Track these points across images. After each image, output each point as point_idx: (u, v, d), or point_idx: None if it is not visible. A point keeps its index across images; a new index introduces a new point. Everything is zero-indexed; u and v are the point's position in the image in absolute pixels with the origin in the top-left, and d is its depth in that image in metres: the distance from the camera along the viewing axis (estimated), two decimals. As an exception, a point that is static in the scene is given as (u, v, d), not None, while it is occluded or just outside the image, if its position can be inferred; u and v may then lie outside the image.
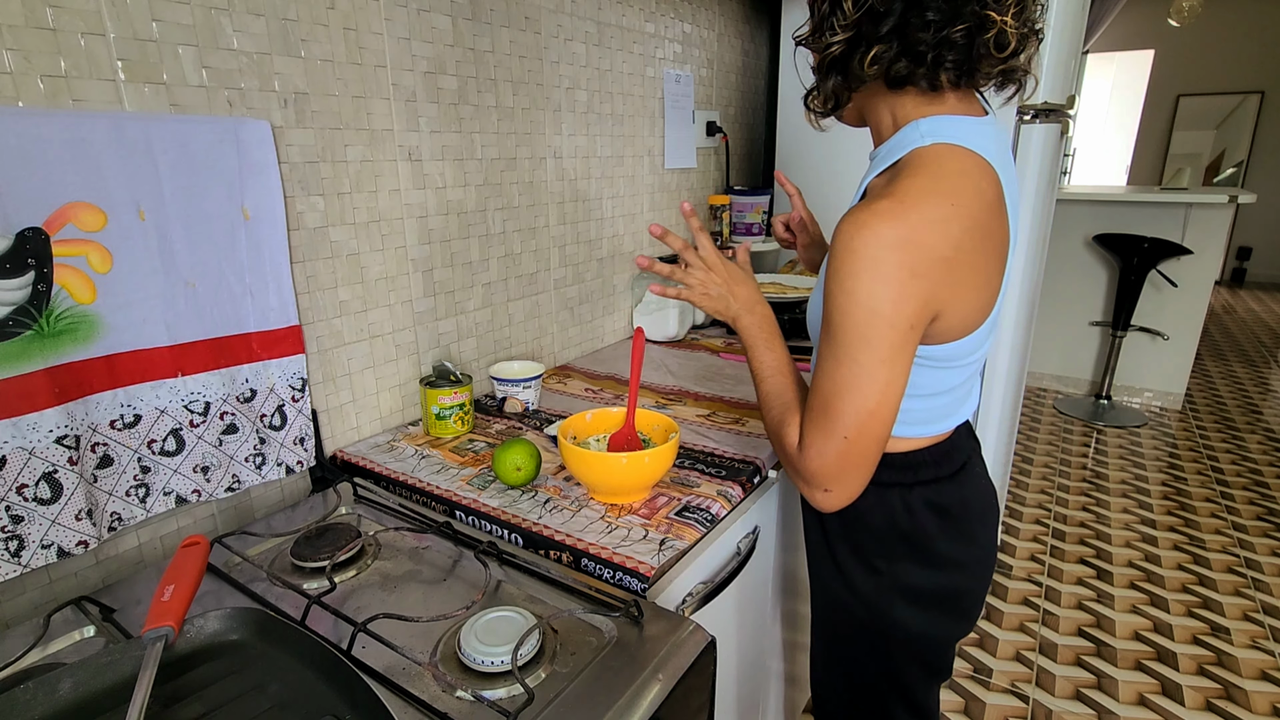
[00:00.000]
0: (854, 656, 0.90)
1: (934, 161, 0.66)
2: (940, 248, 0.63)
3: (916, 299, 0.64)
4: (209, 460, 0.88)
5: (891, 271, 0.62)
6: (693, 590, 0.86)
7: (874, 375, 0.65)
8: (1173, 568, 2.22)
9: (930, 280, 0.64)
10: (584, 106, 1.45)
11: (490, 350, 1.34)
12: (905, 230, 0.62)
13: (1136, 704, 1.67)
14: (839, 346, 0.67)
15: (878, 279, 0.63)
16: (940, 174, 0.65)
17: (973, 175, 0.66)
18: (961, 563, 0.82)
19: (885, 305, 0.63)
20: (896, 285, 0.63)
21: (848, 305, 0.65)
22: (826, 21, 0.68)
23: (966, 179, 0.66)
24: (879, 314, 0.64)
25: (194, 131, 0.81)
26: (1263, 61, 6.28)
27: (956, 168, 0.66)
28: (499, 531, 0.87)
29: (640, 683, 0.60)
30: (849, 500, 0.73)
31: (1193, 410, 3.53)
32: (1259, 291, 6.64)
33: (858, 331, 0.65)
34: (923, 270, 0.63)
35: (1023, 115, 1.55)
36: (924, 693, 0.90)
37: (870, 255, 0.63)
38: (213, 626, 0.63)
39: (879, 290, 0.63)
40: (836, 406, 0.68)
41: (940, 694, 1.03)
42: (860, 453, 0.69)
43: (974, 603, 0.87)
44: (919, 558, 0.81)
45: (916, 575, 0.82)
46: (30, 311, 0.70)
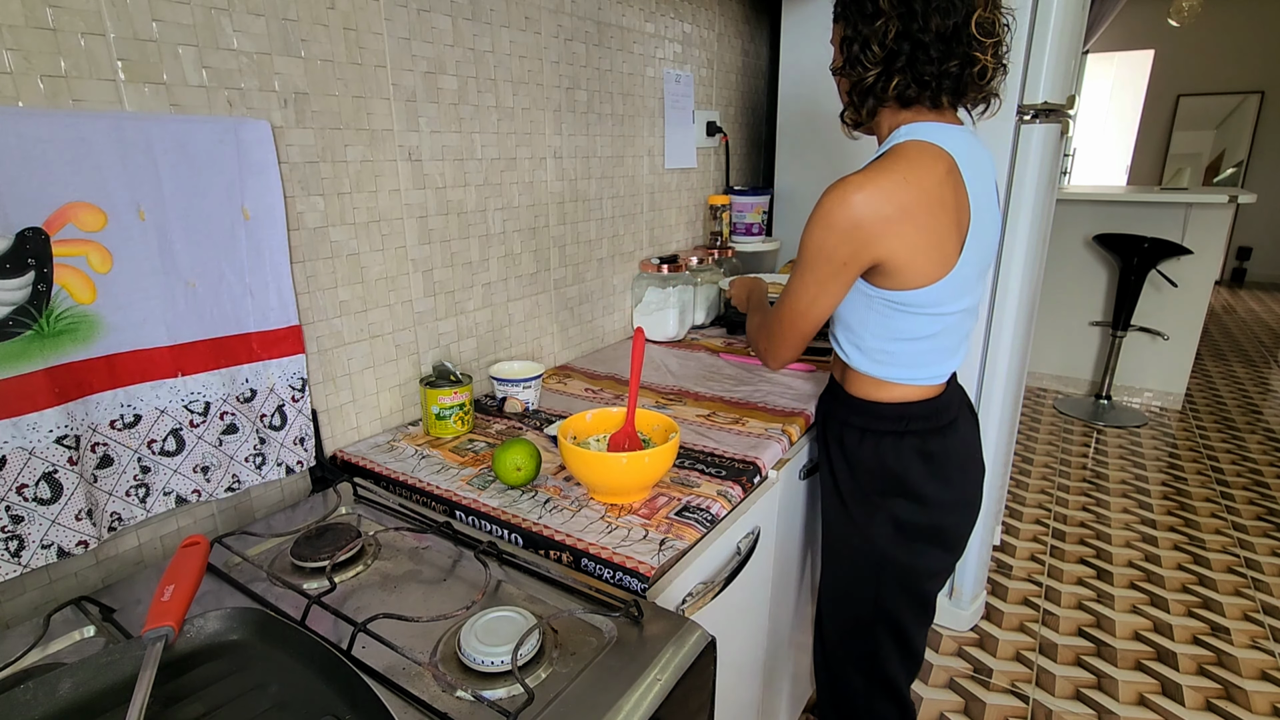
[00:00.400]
0: (851, 580, 1.08)
1: (901, 150, 0.87)
2: (885, 209, 0.84)
3: (851, 245, 0.86)
4: (209, 460, 0.88)
5: (835, 221, 0.86)
6: (693, 590, 0.86)
7: (806, 290, 0.92)
8: (1173, 568, 2.22)
9: (865, 234, 0.85)
10: (584, 106, 1.45)
11: (490, 350, 1.34)
12: (858, 194, 0.84)
13: (1136, 704, 1.67)
14: (796, 264, 0.93)
15: (825, 225, 0.87)
16: (901, 157, 0.86)
17: (928, 161, 0.86)
18: (943, 503, 1.01)
19: (828, 242, 0.87)
20: (837, 232, 0.86)
21: (805, 239, 0.90)
22: (859, 59, 0.89)
23: (922, 163, 0.85)
24: (823, 248, 0.88)
25: (194, 131, 0.81)
26: (1263, 61, 6.28)
27: (916, 154, 0.86)
28: (499, 531, 0.87)
29: (640, 683, 0.60)
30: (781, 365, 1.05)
31: (1193, 410, 3.53)
32: (1259, 291, 6.64)
33: (805, 258, 0.91)
34: (862, 225, 0.85)
35: (1023, 115, 1.55)
36: (910, 625, 1.07)
37: (825, 209, 0.86)
38: (213, 626, 0.63)
39: (821, 234, 0.87)
40: (782, 305, 0.98)
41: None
42: (788, 341, 1.00)
43: (955, 539, 1.05)
44: (908, 496, 1.00)
45: (905, 511, 1.00)
46: (30, 311, 0.70)
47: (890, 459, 0.99)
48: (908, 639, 1.08)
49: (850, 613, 1.10)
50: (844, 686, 1.14)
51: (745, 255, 1.98)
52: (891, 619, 1.06)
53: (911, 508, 1.00)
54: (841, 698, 1.16)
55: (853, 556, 1.07)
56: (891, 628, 1.06)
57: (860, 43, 0.88)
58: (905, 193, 0.84)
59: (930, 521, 1.00)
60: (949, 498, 1.01)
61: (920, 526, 1.00)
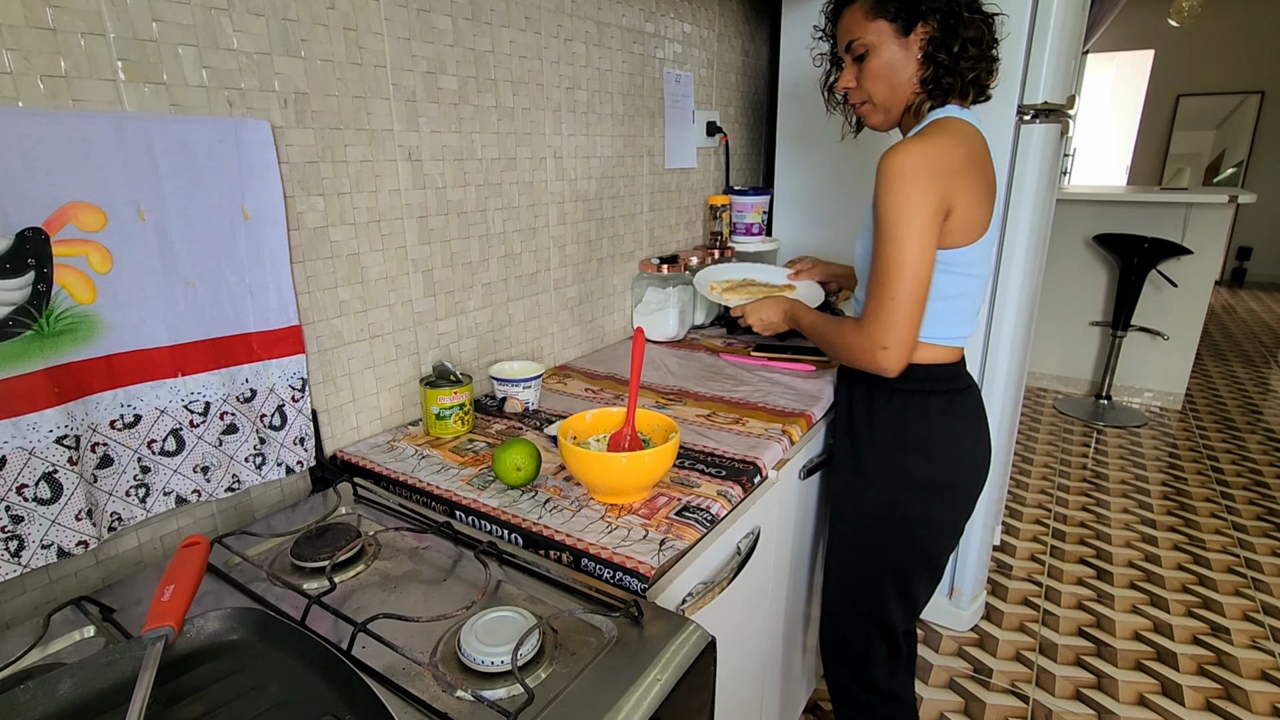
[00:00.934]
0: (862, 538, 1.14)
1: (942, 123, 0.98)
2: (948, 162, 0.93)
3: (935, 192, 0.92)
4: (209, 460, 0.88)
5: (916, 173, 0.92)
6: (693, 590, 0.86)
7: (910, 246, 0.93)
8: (1173, 568, 2.22)
9: (942, 182, 0.92)
10: (584, 106, 1.45)
11: (490, 350, 1.34)
12: (923, 149, 0.92)
13: (1136, 704, 1.67)
14: (885, 232, 0.94)
15: (907, 179, 0.92)
16: (947, 126, 0.97)
17: (970, 131, 0.98)
18: (959, 460, 1.08)
19: (915, 194, 0.92)
20: (920, 182, 0.92)
21: (889, 200, 0.93)
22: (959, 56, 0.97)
23: (965, 131, 0.97)
24: (911, 200, 0.92)
25: (194, 131, 0.81)
26: (1263, 61, 6.28)
27: (957, 125, 0.98)
28: (499, 531, 0.87)
29: (640, 683, 0.60)
30: (902, 357, 0.98)
31: (1193, 410, 3.53)
32: (1259, 291, 6.64)
33: (896, 217, 0.93)
34: (938, 174, 0.92)
35: (1023, 115, 1.55)
36: (914, 578, 1.13)
37: (900, 166, 0.92)
38: (213, 626, 0.63)
39: (908, 187, 0.92)
40: (886, 274, 0.95)
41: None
42: (907, 311, 0.95)
43: (967, 496, 1.11)
44: (926, 453, 1.07)
45: (921, 467, 1.07)
46: (30, 311, 0.70)
47: (915, 417, 1.06)
48: (910, 588, 1.14)
49: (859, 562, 1.16)
50: (846, 630, 1.21)
51: (745, 255, 1.98)
52: (897, 569, 1.12)
53: (928, 464, 1.07)
54: (844, 640, 1.23)
55: (864, 511, 1.13)
56: (896, 577, 1.13)
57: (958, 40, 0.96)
58: (959, 151, 0.94)
59: (946, 477, 1.07)
60: (964, 455, 1.08)
61: (936, 482, 1.07)
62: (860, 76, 1.04)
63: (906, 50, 0.99)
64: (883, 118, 1.06)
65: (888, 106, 1.04)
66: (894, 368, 0.99)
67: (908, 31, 0.97)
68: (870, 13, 0.99)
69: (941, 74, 0.98)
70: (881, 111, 1.05)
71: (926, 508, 1.09)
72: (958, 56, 0.97)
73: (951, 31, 0.96)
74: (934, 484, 1.08)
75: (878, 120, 1.07)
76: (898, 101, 1.03)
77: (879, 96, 1.03)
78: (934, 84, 0.99)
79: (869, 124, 1.10)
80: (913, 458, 1.07)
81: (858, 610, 1.18)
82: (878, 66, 1.01)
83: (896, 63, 1.00)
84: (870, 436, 1.11)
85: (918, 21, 0.96)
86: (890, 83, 1.02)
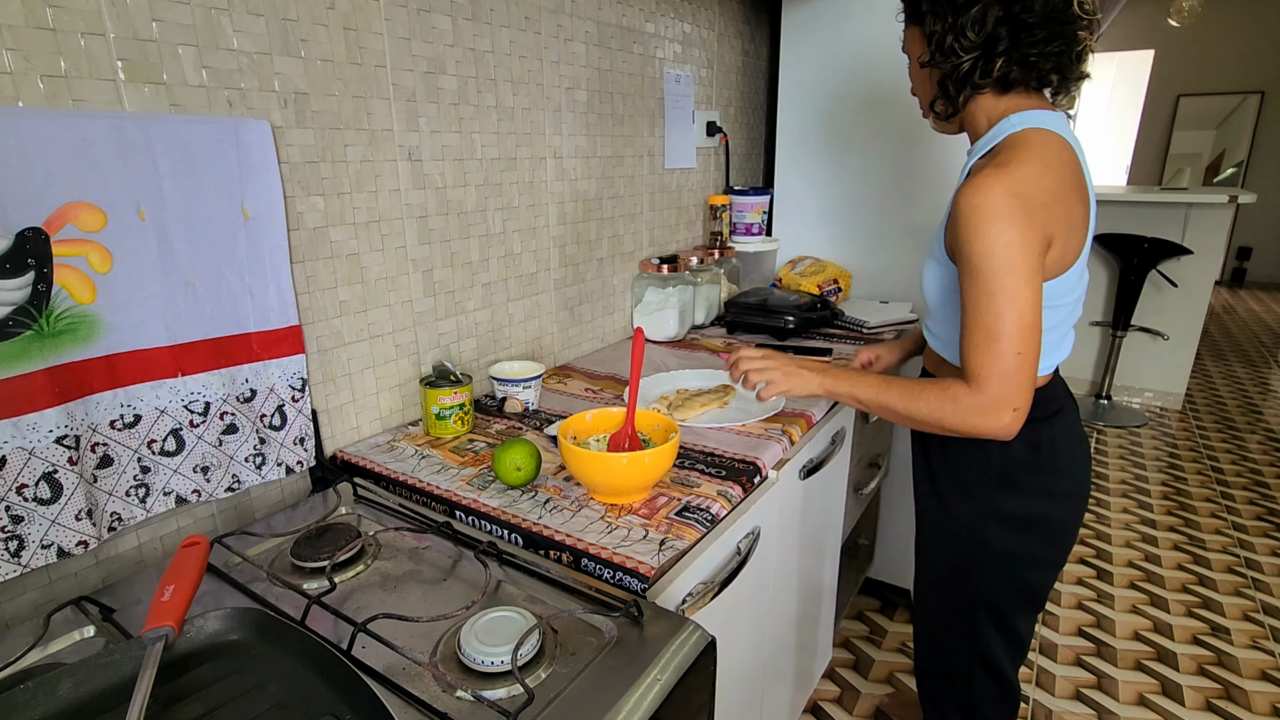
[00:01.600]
0: (949, 570, 1.08)
1: (1024, 139, 0.86)
2: (1039, 195, 0.82)
3: (1034, 230, 0.82)
4: (209, 460, 0.88)
5: (1012, 213, 0.81)
6: (693, 590, 0.86)
7: (1023, 294, 0.82)
8: (1173, 568, 2.22)
9: (1038, 218, 0.82)
10: (584, 106, 1.45)
11: (490, 350, 1.34)
12: (1011, 184, 0.81)
13: (1136, 704, 1.67)
14: (988, 281, 0.83)
15: (1004, 220, 0.81)
16: (1030, 146, 0.85)
17: (1054, 147, 0.86)
18: (1049, 491, 0.99)
19: (1016, 237, 0.81)
20: (1019, 222, 0.81)
21: (987, 247, 0.82)
22: (950, 47, 0.89)
23: (1050, 150, 0.85)
24: (1013, 245, 0.81)
25: (194, 131, 0.81)
26: (1263, 61, 6.28)
27: (1041, 142, 0.86)
28: (499, 531, 0.87)
29: (640, 683, 0.60)
30: (1025, 415, 0.85)
31: (1193, 410, 3.53)
32: (1259, 291, 6.64)
33: (1000, 264, 0.81)
34: (1032, 210, 0.81)
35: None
36: (1013, 613, 1.05)
37: (992, 205, 0.81)
38: (213, 626, 0.63)
39: (1007, 229, 0.81)
40: (1001, 329, 0.83)
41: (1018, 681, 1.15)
42: (1029, 364, 0.83)
43: (1060, 529, 1.01)
44: (1011, 486, 0.99)
45: (1008, 502, 0.99)
46: (30, 311, 0.70)
47: (996, 453, 0.98)
48: (1010, 624, 1.06)
49: (949, 599, 1.10)
50: (944, 665, 1.16)
51: (745, 255, 1.98)
52: (993, 605, 1.05)
53: (1016, 499, 0.99)
54: (942, 675, 1.17)
55: (951, 548, 1.07)
56: (993, 614, 1.06)
57: (955, 32, 0.88)
58: (1049, 178, 0.84)
59: (1035, 512, 0.99)
60: (1055, 486, 0.99)
61: (1024, 517, 1.00)
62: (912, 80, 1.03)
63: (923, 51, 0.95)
64: (932, 121, 1.02)
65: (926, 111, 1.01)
66: (1014, 432, 0.86)
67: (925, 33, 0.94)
68: (906, 17, 0.99)
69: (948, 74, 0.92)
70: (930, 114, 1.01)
71: (1017, 543, 1.01)
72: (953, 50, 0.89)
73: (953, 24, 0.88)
74: (1022, 518, 1.00)
75: (932, 125, 1.03)
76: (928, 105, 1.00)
77: (920, 98, 1.02)
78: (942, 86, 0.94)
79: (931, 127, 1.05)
80: (997, 491, 1.00)
81: (956, 647, 1.12)
82: (910, 73, 1.01)
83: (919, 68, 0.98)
84: (950, 469, 1.04)
85: (924, 18, 0.93)
86: (920, 87, 1.00)
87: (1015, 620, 1.06)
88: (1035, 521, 1.00)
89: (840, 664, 1.82)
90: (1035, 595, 1.05)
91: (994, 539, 1.01)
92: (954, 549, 1.06)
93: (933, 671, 1.19)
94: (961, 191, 0.84)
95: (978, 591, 1.05)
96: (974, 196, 0.82)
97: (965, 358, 0.86)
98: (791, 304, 1.64)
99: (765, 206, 1.94)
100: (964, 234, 0.84)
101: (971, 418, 0.86)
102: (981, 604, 1.06)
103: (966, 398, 0.86)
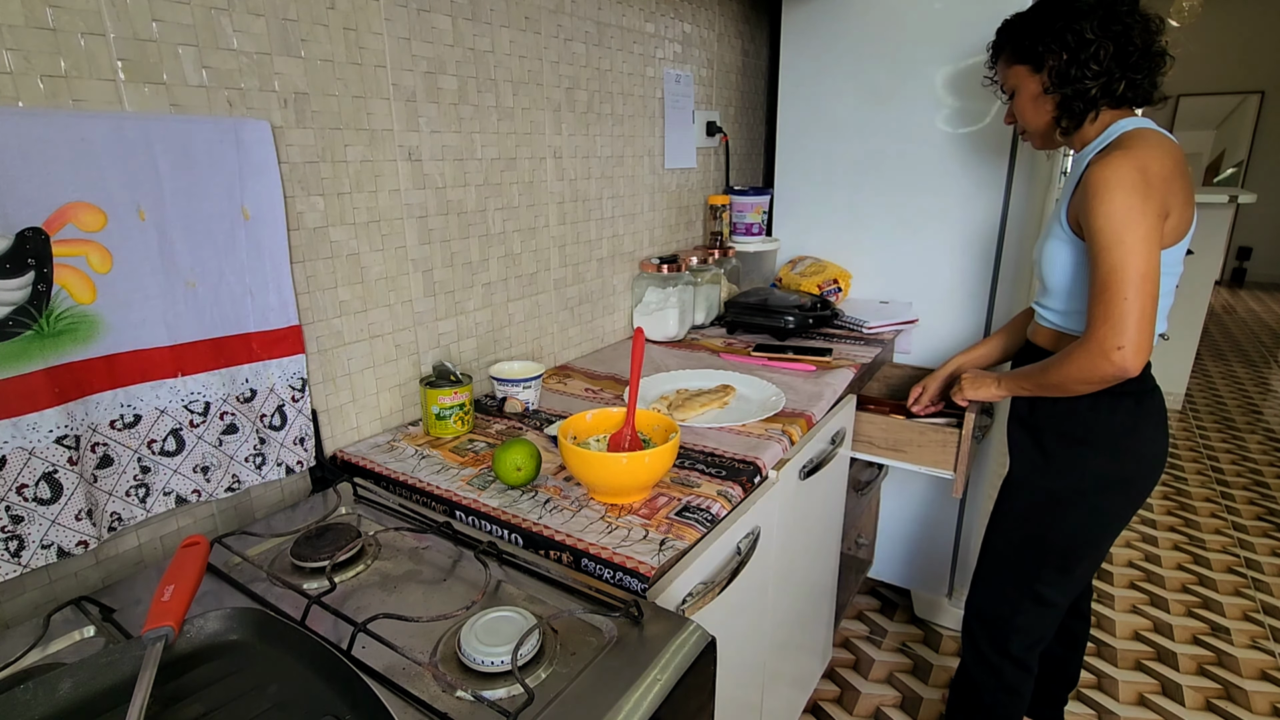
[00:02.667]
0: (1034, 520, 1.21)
1: (1140, 134, 1.03)
2: (1160, 171, 0.98)
3: (1154, 199, 0.97)
4: (209, 460, 0.88)
5: (1135, 182, 0.96)
6: (693, 590, 0.86)
7: (1139, 249, 0.96)
8: (1173, 568, 2.22)
9: (1159, 189, 0.97)
10: (584, 106, 1.45)
11: (490, 350, 1.34)
12: (1137, 160, 0.98)
13: (1136, 704, 1.67)
14: (1107, 239, 0.97)
15: (1127, 187, 0.96)
16: (1146, 137, 1.02)
17: (1165, 140, 1.03)
18: (1141, 456, 1.13)
19: (1137, 200, 0.96)
20: (1141, 188, 0.96)
21: (1110, 209, 0.97)
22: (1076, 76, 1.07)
23: (1163, 141, 1.03)
24: (1134, 207, 0.96)
25: (194, 131, 0.81)
26: (1263, 61, 6.28)
27: (1155, 135, 1.03)
28: (499, 531, 0.87)
29: (640, 683, 0.60)
30: (1141, 355, 0.97)
31: (1193, 410, 3.53)
32: (1259, 291, 6.64)
33: (1121, 222, 0.96)
34: (1153, 182, 0.97)
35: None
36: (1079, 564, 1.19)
37: (1117, 177, 0.97)
38: (213, 626, 0.63)
39: (1130, 195, 0.96)
40: (1116, 280, 0.97)
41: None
42: (1141, 309, 0.96)
43: (1140, 491, 1.15)
44: (1110, 450, 1.12)
45: (1105, 463, 1.13)
46: (30, 311, 0.70)
47: (1105, 414, 1.11)
48: (1073, 570, 1.19)
49: (1025, 537, 1.22)
50: (997, 597, 1.28)
51: (745, 255, 1.98)
52: (1064, 551, 1.18)
53: (1110, 460, 1.12)
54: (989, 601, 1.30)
55: (1041, 498, 1.19)
56: (1062, 558, 1.19)
57: (1078, 64, 1.06)
58: (1166, 159, 0.99)
59: (1125, 474, 1.13)
60: (1147, 452, 1.13)
61: (1118, 478, 1.13)
62: (1015, 111, 1.20)
63: (1040, 84, 1.12)
64: (1039, 141, 1.20)
65: (1037, 132, 1.18)
66: (1135, 366, 0.98)
67: (1039, 69, 1.11)
68: (1010, 58, 1.16)
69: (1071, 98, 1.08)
70: (1036, 137, 1.19)
71: (1105, 501, 1.14)
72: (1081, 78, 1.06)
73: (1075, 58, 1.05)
74: (1116, 480, 1.13)
75: (1036, 144, 1.21)
76: (1042, 127, 1.16)
77: (1030, 125, 1.18)
78: (1066, 107, 1.10)
79: (1033, 146, 1.23)
80: (1099, 455, 1.12)
81: (1013, 581, 1.25)
82: (1022, 103, 1.17)
83: (1038, 97, 1.13)
84: (1058, 431, 1.16)
85: (1044, 58, 1.09)
86: (1035, 113, 1.15)
87: (1079, 566, 1.19)
88: (1127, 483, 1.13)
89: (840, 664, 1.82)
90: (1102, 547, 1.18)
91: (1088, 496, 1.14)
92: (1045, 500, 1.18)
93: (984, 599, 1.32)
94: (1092, 171, 1.00)
95: (1055, 538, 1.18)
96: (1103, 171, 0.98)
97: (1089, 312, 1.01)
98: (791, 304, 1.64)
99: (765, 206, 1.94)
100: (1091, 202, 0.99)
101: (1086, 366, 1.02)
102: (1056, 549, 1.19)
103: (1079, 348, 1.02)
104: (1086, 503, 1.15)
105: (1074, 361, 1.03)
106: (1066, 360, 1.05)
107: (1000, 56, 1.19)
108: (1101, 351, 0.99)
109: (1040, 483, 1.19)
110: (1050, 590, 1.22)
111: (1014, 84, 1.17)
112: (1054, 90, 1.10)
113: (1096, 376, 1.02)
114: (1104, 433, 1.12)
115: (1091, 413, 1.12)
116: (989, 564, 1.31)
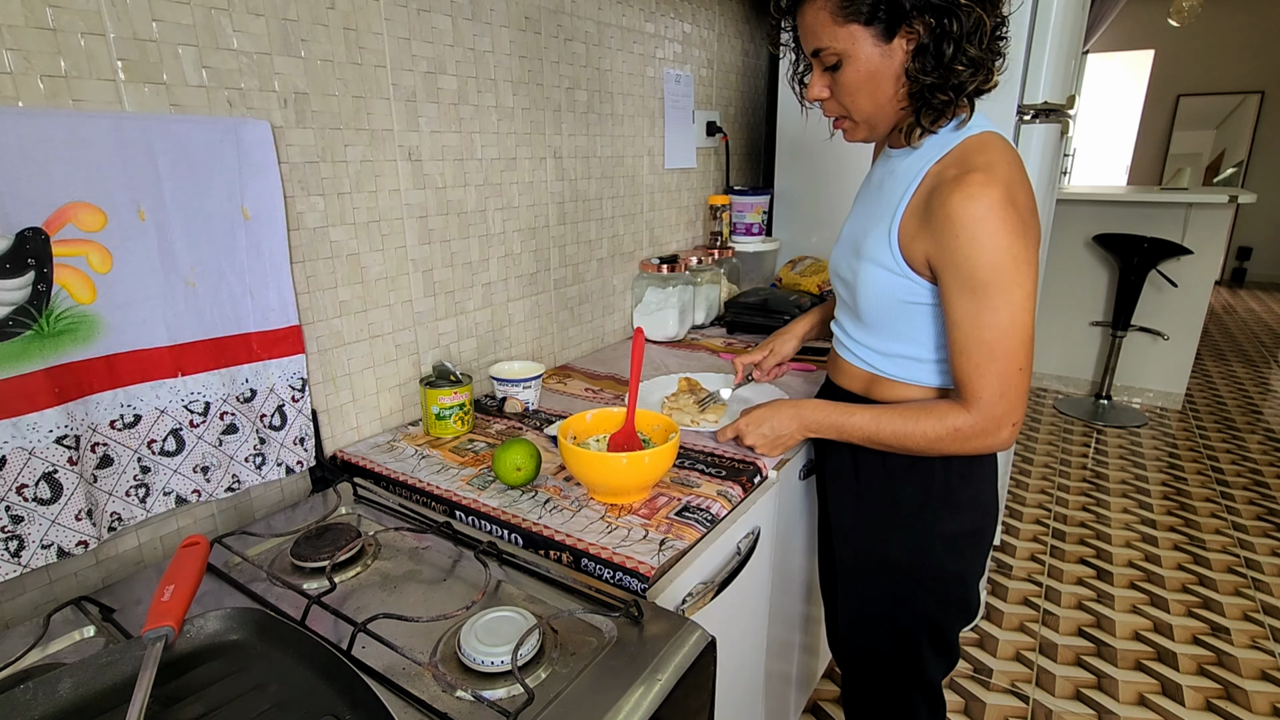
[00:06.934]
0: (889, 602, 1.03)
1: (986, 143, 0.84)
2: (1027, 201, 0.81)
3: (1031, 236, 0.80)
4: (209, 460, 0.88)
5: (1011, 223, 0.78)
6: (693, 590, 0.86)
7: (1025, 307, 0.80)
8: (1173, 568, 2.22)
9: (1031, 224, 0.80)
10: (584, 106, 1.45)
11: (490, 350, 1.34)
12: (1004, 191, 0.78)
13: (1136, 704, 1.67)
14: (991, 295, 0.79)
15: (1005, 230, 0.77)
16: (994, 147, 0.83)
17: (1012, 150, 0.85)
18: (984, 504, 0.97)
19: (1018, 248, 0.78)
20: (1019, 231, 0.78)
21: (989, 259, 0.78)
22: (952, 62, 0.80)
23: (1013, 153, 0.84)
24: (1017, 256, 0.78)
25: (194, 131, 0.81)
26: (1263, 61, 6.28)
27: (1003, 145, 0.84)
28: (499, 531, 0.87)
29: (640, 683, 0.60)
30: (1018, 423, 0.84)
31: (1193, 410, 3.53)
32: (1259, 291, 6.64)
33: (1005, 275, 0.78)
34: (1026, 216, 0.79)
35: (1023, 115, 1.55)
36: (951, 633, 1.03)
37: (989, 215, 0.77)
38: (213, 626, 0.63)
39: (1009, 239, 0.78)
40: (1006, 345, 0.80)
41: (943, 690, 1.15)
42: (1028, 377, 0.82)
43: (989, 539, 1.00)
44: (949, 505, 0.95)
45: (948, 520, 0.96)
46: (30, 311, 0.70)
47: (938, 472, 0.94)
48: (948, 640, 1.04)
49: (887, 625, 1.04)
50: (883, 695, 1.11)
51: (745, 255, 1.98)
52: (932, 625, 1.02)
53: (953, 516, 0.96)
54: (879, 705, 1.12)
55: (889, 576, 1.01)
56: (932, 635, 1.03)
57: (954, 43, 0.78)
58: (1026, 183, 0.83)
59: (973, 525, 0.97)
60: (984, 498, 0.97)
61: (964, 533, 0.97)
62: (834, 88, 0.87)
63: (890, 58, 0.81)
64: (866, 133, 0.91)
65: (873, 123, 0.88)
66: (1009, 446, 0.86)
67: (890, 37, 0.80)
68: (840, 15, 0.80)
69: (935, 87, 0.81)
70: (865, 128, 0.89)
71: (958, 560, 0.98)
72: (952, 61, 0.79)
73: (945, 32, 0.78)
74: (963, 535, 0.97)
75: (860, 136, 0.91)
76: (885, 118, 0.87)
77: (861, 112, 0.87)
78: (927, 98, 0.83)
79: (848, 139, 0.93)
80: (939, 513, 0.96)
81: (895, 677, 1.07)
82: (855, 79, 0.84)
83: (880, 74, 0.83)
84: (889, 497, 0.98)
85: (902, 23, 0.79)
86: (875, 98, 0.85)
87: (951, 634, 1.03)
88: (976, 534, 0.98)
89: (840, 664, 1.82)
90: (969, 604, 1.02)
91: (938, 561, 0.98)
92: (894, 577, 1.01)
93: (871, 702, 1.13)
94: (951, 200, 0.78)
95: (918, 613, 1.01)
96: (970, 206, 0.77)
97: (963, 379, 0.83)
98: (791, 304, 1.64)
99: (765, 206, 1.94)
100: (962, 246, 0.78)
101: (974, 441, 0.85)
102: (924, 626, 1.02)
103: (968, 424, 0.84)
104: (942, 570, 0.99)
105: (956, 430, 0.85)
106: (943, 424, 0.85)
107: (806, 3, 0.84)
108: (996, 427, 0.83)
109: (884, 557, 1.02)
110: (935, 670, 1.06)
111: (841, 49, 0.82)
112: (918, 74, 0.81)
113: (975, 447, 0.86)
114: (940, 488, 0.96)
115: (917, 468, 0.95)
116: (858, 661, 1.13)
